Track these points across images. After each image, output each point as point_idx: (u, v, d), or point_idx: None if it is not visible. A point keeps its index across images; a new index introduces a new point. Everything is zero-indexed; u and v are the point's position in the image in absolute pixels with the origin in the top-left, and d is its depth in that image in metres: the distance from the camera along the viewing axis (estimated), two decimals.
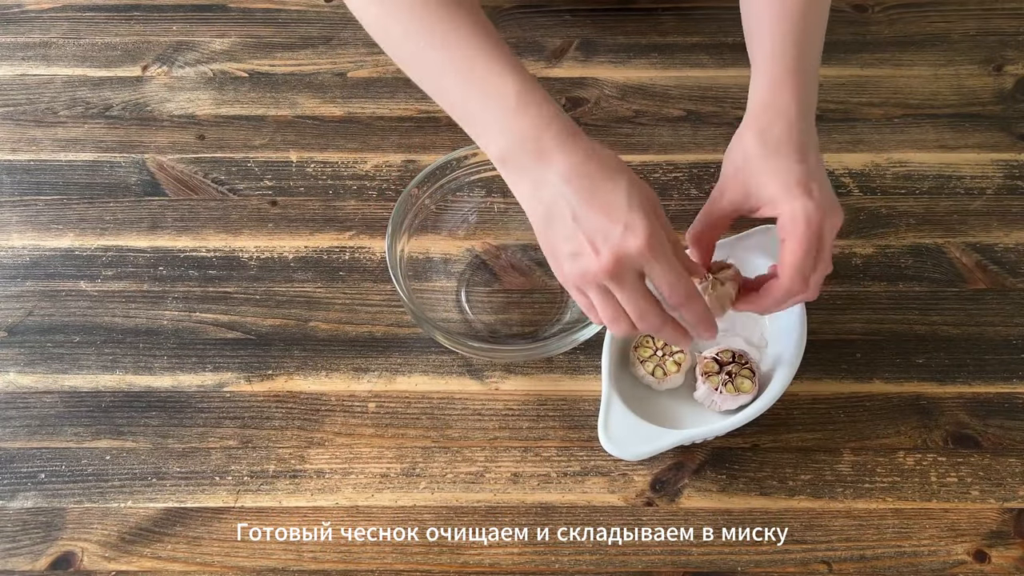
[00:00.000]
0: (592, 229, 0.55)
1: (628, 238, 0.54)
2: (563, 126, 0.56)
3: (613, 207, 0.54)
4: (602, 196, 0.55)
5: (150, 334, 0.74)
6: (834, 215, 0.58)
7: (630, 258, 0.54)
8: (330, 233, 0.79)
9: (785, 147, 0.59)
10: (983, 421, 0.70)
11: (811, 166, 0.59)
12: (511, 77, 0.57)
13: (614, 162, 0.56)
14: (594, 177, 0.55)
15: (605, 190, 0.55)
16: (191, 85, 0.88)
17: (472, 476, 0.68)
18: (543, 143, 0.55)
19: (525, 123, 0.56)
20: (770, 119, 0.60)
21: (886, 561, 0.65)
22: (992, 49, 0.89)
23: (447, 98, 0.60)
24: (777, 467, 0.68)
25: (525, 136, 0.56)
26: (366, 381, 0.72)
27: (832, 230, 0.58)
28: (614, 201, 0.54)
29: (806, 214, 0.57)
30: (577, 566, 0.65)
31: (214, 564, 0.65)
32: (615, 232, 0.54)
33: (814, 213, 0.57)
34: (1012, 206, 0.80)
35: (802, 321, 0.68)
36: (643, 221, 0.54)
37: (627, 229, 0.54)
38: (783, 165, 0.58)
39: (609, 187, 0.55)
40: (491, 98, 0.57)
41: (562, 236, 0.56)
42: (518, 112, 0.56)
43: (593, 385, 0.71)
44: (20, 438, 0.70)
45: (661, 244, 0.54)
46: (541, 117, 0.56)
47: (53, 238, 0.79)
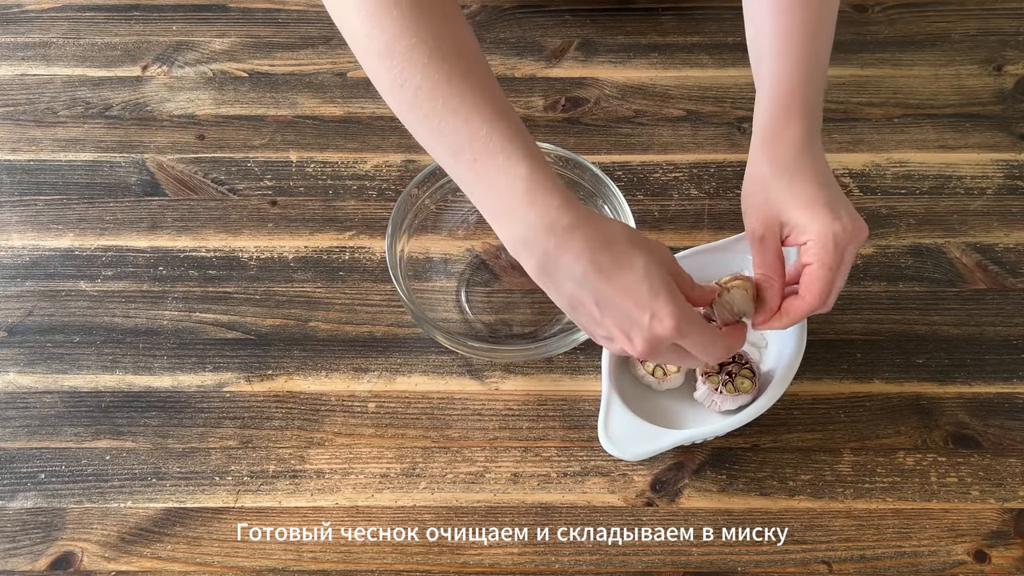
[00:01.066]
0: (619, 319, 0.55)
1: (656, 326, 0.54)
2: (573, 216, 0.54)
3: (635, 294, 0.54)
4: (622, 284, 0.54)
5: (150, 334, 0.74)
6: (859, 235, 0.59)
7: (663, 341, 0.55)
8: (330, 233, 0.79)
9: (802, 172, 0.59)
10: (983, 421, 0.70)
11: (829, 185, 0.60)
12: (522, 166, 0.54)
13: (627, 242, 0.55)
14: (610, 266, 0.54)
15: (624, 277, 0.54)
16: (191, 85, 0.88)
17: (472, 476, 0.68)
18: (556, 233, 0.54)
19: (533, 216, 0.54)
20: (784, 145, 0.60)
21: (886, 561, 0.65)
22: (992, 49, 0.89)
23: (454, 174, 0.57)
24: (777, 467, 0.68)
25: (535, 229, 0.54)
26: (366, 381, 0.72)
27: (856, 249, 0.60)
28: (635, 287, 0.54)
29: (835, 239, 0.58)
30: (577, 566, 0.65)
31: (214, 564, 0.65)
32: (643, 321, 0.54)
33: (840, 236, 0.58)
34: (1012, 206, 0.80)
35: (802, 321, 0.67)
36: (668, 307, 0.54)
37: (654, 318, 0.54)
38: (803, 190, 0.59)
39: (627, 272, 0.54)
40: (500, 187, 0.55)
41: (591, 323, 0.57)
42: (526, 205, 0.54)
43: (593, 385, 0.71)
44: (20, 438, 0.70)
45: (688, 321, 0.55)
46: (548, 209, 0.54)
47: (53, 238, 0.79)
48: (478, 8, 0.93)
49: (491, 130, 0.54)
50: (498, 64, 0.88)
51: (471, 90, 0.55)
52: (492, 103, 0.55)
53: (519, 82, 0.87)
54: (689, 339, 0.55)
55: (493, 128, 0.54)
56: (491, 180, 0.55)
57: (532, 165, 0.54)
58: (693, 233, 0.78)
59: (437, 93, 0.54)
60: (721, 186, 0.81)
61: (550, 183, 0.55)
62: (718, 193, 0.80)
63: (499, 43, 0.90)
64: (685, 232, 0.78)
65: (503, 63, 0.88)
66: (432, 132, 0.56)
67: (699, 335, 0.56)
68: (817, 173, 0.60)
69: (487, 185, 0.55)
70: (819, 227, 0.58)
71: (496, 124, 0.54)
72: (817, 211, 0.58)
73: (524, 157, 0.54)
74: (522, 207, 0.54)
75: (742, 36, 0.90)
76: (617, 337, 0.56)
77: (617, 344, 0.57)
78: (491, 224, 0.57)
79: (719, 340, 0.57)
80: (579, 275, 0.54)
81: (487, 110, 0.55)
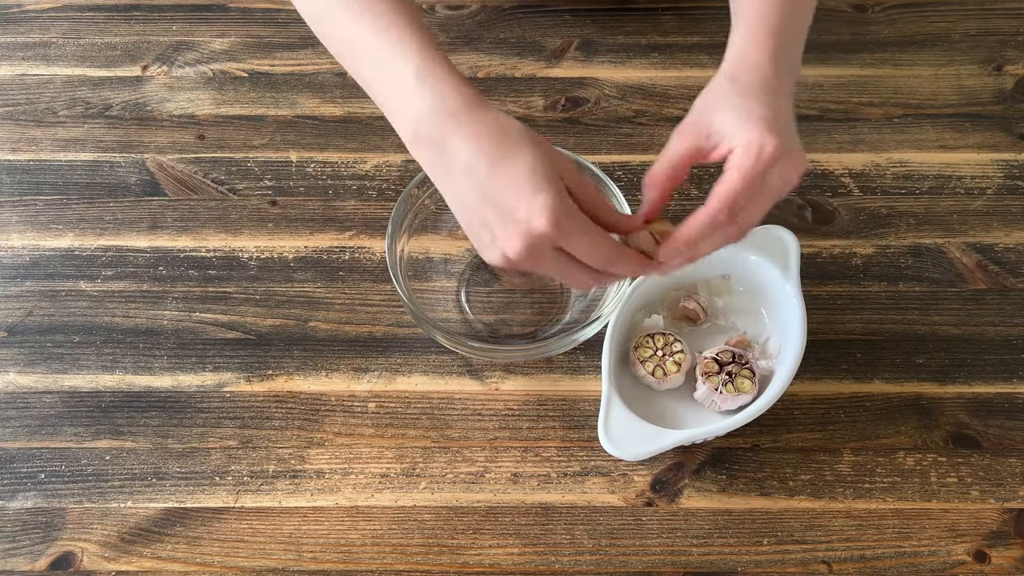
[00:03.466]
0: (500, 213, 0.53)
1: (535, 220, 0.51)
2: (461, 101, 0.53)
3: (518, 187, 0.52)
4: (506, 175, 0.52)
5: (150, 334, 0.74)
6: (789, 163, 0.55)
7: (541, 239, 0.52)
8: (330, 233, 0.79)
9: (756, 92, 0.57)
10: (983, 421, 0.70)
11: (779, 114, 0.56)
12: (413, 55, 0.54)
13: (520, 134, 0.53)
14: (497, 155, 0.52)
15: (509, 169, 0.52)
16: (191, 85, 0.88)
17: (472, 476, 0.68)
18: (442, 122, 0.53)
19: (421, 102, 0.54)
20: (745, 69, 0.58)
21: (886, 561, 0.65)
22: (992, 49, 0.89)
23: (361, 79, 0.58)
24: (777, 467, 0.68)
25: (421, 117, 0.54)
26: (366, 381, 0.72)
27: (782, 177, 0.56)
28: (519, 180, 0.52)
29: (760, 147, 0.54)
30: (577, 566, 0.65)
31: (214, 564, 0.65)
32: (521, 215, 0.52)
33: (767, 148, 0.54)
34: (1012, 206, 0.80)
35: (802, 321, 0.68)
36: (549, 200, 0.51)
37: (533, 211, 0.51)
38: (749, 104, 0.56)
39: (513, 165, 0.52)
40: (391, 79, 0.55)
41: (477, 222, 0.54)
42: (416, 91, 0.54)
43: (593, 385, 0.71)
44: (20, 438, 0.70)
45: (569, 217, 0.52)
46: (436, 94, 0.53)
47: (53, 238, 0.79)
48: (478, 8, 0.93)
49: (389, 23, 0.56)
50: (498, 64, 0.88)
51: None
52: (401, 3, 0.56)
53: (519, 82, 0.87)
54: (572, 239, 0.52)
55: (391, 21, 0.56)
56: (385, 74, 0.55)
57: (425, 54, 0.54)
58: None
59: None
60: None
61: (443, 71, 0.54)
62: None
63: (499, 43, 0.90)
64: None
65: (503, 63, 0.89)
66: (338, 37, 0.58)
67: (582, 235, 0.53)
68: (771, 97, 0.56)
69: (381, 81, 0.56)
70: (748, 136, 0.54)
71: (394, 17, 0.56)
72: (754, 123, 0.55)
73: (418, 48, 0.54)
74: (412, 94, 0.54)
75: None
76: (498, 236, 0.53)
77: (499, 245, 0.54)
78: (394, 126, 0.56)
79: (606, 244, 0.54)
80: (465, 162, 0.53)
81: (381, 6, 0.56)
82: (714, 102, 0.58)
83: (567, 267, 0.55)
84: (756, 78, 0.58)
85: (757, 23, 0.60)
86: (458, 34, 0.91)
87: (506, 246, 0.53)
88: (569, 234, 0.52)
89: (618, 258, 0.55)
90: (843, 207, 0.80)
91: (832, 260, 0.77)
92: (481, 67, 0.88)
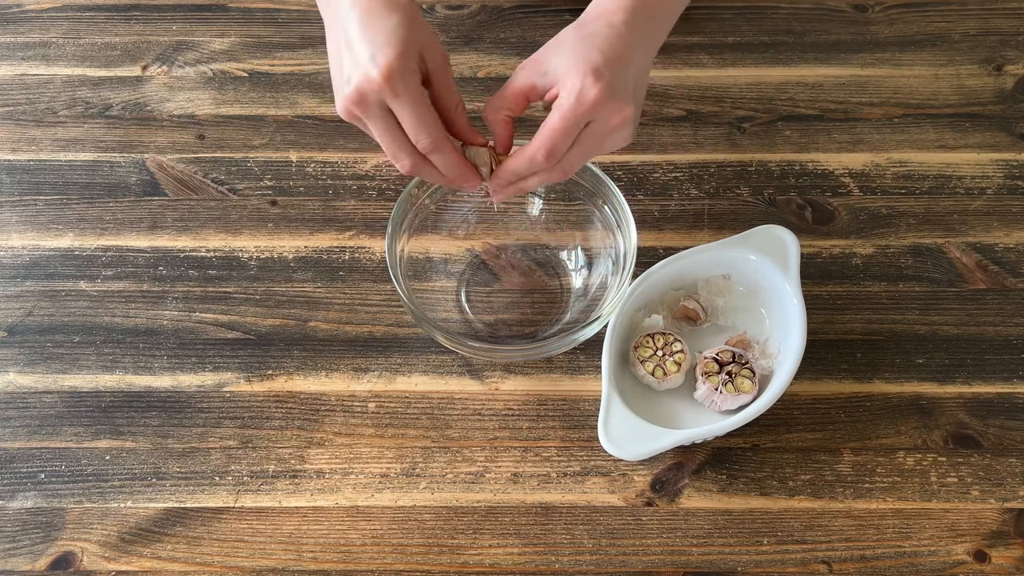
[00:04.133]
0: (352, 57, 0.55)
1: (371, 68, 0.54)
2: None
3: (374, 39, 0.54)
4: (370, 27, 0.55)
5: (150, 334, 0.74)
6: (613, 109, 0.56)
7: (372, 87, 0.54)
8: (330, 233, 0.79)
9: (597, 39, 0.57)
10: (983, 421, 0.70)
11: (615, 60, 0.57)
12: None
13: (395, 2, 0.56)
14: (372, 9, 0.55)
15: (374, 22, 0.55)
16: (191, 85, 0.88)
17: (472, 476, 0.68)
18: None
19: None
20: (595, 16, 0.59)
21: (886, 561, 0.65)
22: (992, 49, 0.89)
23: None
24: (777, 467, 0.68)
25: None
26: (366, 381, 0.72)
27: (606, 122, 0.57)
28: (377, 33, 0.54)
29: (580, 90, 0.55)
30: (577, 566, 0.65)
31: (214, 564, 0.65)
32: (363, 61, 0.54)
33: (589, 93, 0.55)
34: (1012, 206, 0.80)
35: (802, 321, 0.68)
36: (389, 53, 0.54)
37: (372, 60, 0.54)
38: (586, 49, 0.57)
39: (379, 19, 0.55)
40: None
41: (337, 65, 0.57)
42: None
43: (593, 385, 0.71)
44: (20, 438, 0.70)
45: (403, 80, 0.54)
46: None
47: (53, 238, 0.79)
48: (478, 8, 0.93)
49: None
50: (498, 64, 0.88)
51: None
52: None
53: None
54: (400, 101, 0.54)
55: None
56: None
57: None
58: (693, 233, 0.78)
59: None
60: (721, 186, 0.81)
61: None
62: (718, 193, 0.80)
63: (499, 43, 0.90)
64: (685, 232, 0.78)
65: (503, 63, 0.88)
66: None
67: (411, 102, 0.55)
68: (612, 51, 0.57)
69: None
70: (573, 80, 0.55)
71: None
72: (581, 67, 0.56)
73: None
74: None
75: (742, 36, 0.90)
76: (344, 79, 0.55)
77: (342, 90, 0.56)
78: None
79: (432, 124, 0.56)
80: (346, 10, 0.56)
81: None
82: (556, 44, 0.59)
83: (389, 132, 0.57)
84: (602, 24, 0.58)
85: None
86: (458, 34, 0.91)
87: (345, 88, 0.55)
88: (397, 94, 0.54)
89: (440, 146, 0.57)
90: (843, 207, 0.80)
91: (832, 260, 0.77)
92: (481, 67, 0.88)
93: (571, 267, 0.76)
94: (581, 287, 0.75)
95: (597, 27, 0.59)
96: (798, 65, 0.88)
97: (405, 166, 0.58)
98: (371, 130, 0.58)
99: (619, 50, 0.58)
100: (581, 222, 0.75)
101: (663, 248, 0.77)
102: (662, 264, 0.71)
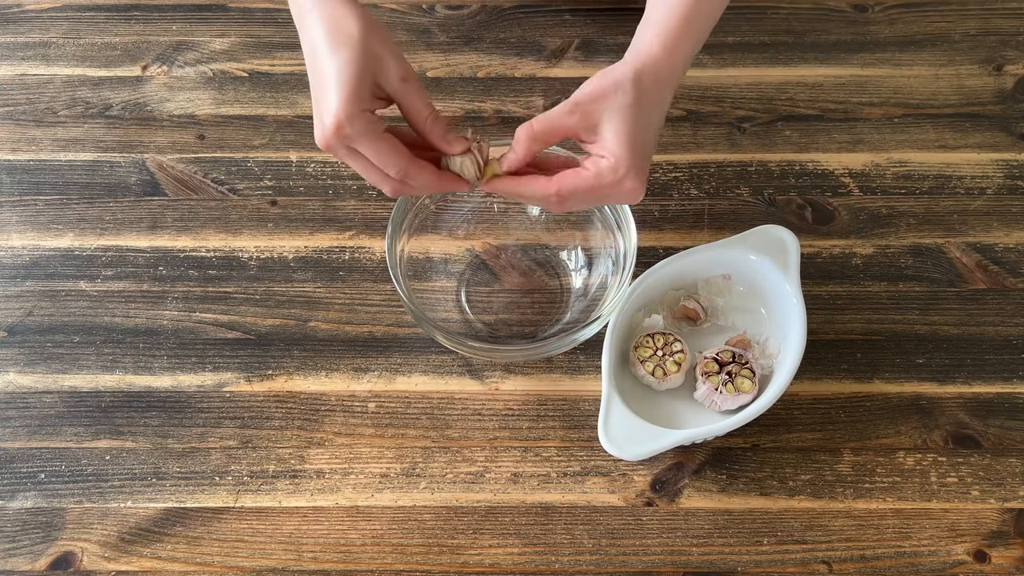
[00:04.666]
0: (315, 102, 0.57)
1: (325, 119, 0.56)
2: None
3: (323, 85, 0.56)
4: (319, 70, 0.57)
5: (150, 334, 0.74)
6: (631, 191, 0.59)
7: (330, 137, 0.56)
8: (330, 233, 0.79)
9: (647, 106, 0.59)
10: (983, 421, 0.70)
11: (651, 138, 0.60)
12: None
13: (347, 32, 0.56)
14: (321, 47, 0.56)
15: (322, 64, 0.56)
16: (191, 85, 0.88)
17: (472, 476, 0.68)
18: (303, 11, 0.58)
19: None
20: (652, 70, 0.60)
21: (886, 561, 0.65)
22: (992, 49, 0.89)
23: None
24: (777, 467, 0.68)
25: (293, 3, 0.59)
26: (366, 381, 0.72)
27: (620, 196, 0.60)
28: (325, 77, 0.56)
29: (616, 170, 0.58)
30: (577, 566, 0.65)
31: (214, 564, 0.65)
32: (320, 111, 0.56)
33: (627, 184, 0.58)
34: (1012, 206, 0.80)
35: (802, 321, 0.68)
36: (333, 104, 0.55)
37: (324, 111, 0.56)
38: (636, 121, 0.59)
39: (327, 61, 0.56)
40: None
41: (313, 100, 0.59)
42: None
43: (593, 385, 0.71)
44: (20, 438, 0.70)
45: (351, 124, 0.56)
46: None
47: (53, 238, 0.79)
48: (478, 8, 0.93)
49: None
50: (498, 64, 0.88)
51: None
52: None
53: (519, 82, 0.87)
54: (358, 144, 0.57)
55: None
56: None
57: None
58: (693, 233, 0.78)
59: None
60: (721, 186, 0.81)
61: None
62: (718, 193, 0.80)
63: (499, 43, 0.90)
64: (685, 232, 0.78)
65: (503, 63, 0.89)
66: None
67: (368, 142, 0.57)
68: (652, 124, 0.60)
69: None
70: (620, 165, 0.58)
71: None
72: (629, 149, 0.58)
73: None
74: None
75: (742, 36, 0.90)
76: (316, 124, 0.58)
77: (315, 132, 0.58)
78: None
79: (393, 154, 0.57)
80: (306, 46, 0.58)
81: None
82: (613, 95, 0.59)
83: (362, 167, 0.59)
84: (653, 86, 0.60)
85: (672, 20, 0.62)
86: (458, 34, 0.91)
87: (315, 133, 0.58)
88: (351, 140, 0.56)
89: (409, 173, 0.58)
90: (843, 207, 0.80)
91: (832, 260, 0.77)
92: (481, 67, 0.88)
93: (571, 267, 0.76)
94: (581, 287, 0.75)
95: (650, 88, 0.59)
96: (798, 65, 0.88)
97: (387, 191, 0.60)
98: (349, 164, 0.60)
99: (657, 118, 0.61)
100: (581, 222, 0.75)
101: (663, 248, 0.77)
102: (662, 264, 0.71)
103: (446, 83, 0.88)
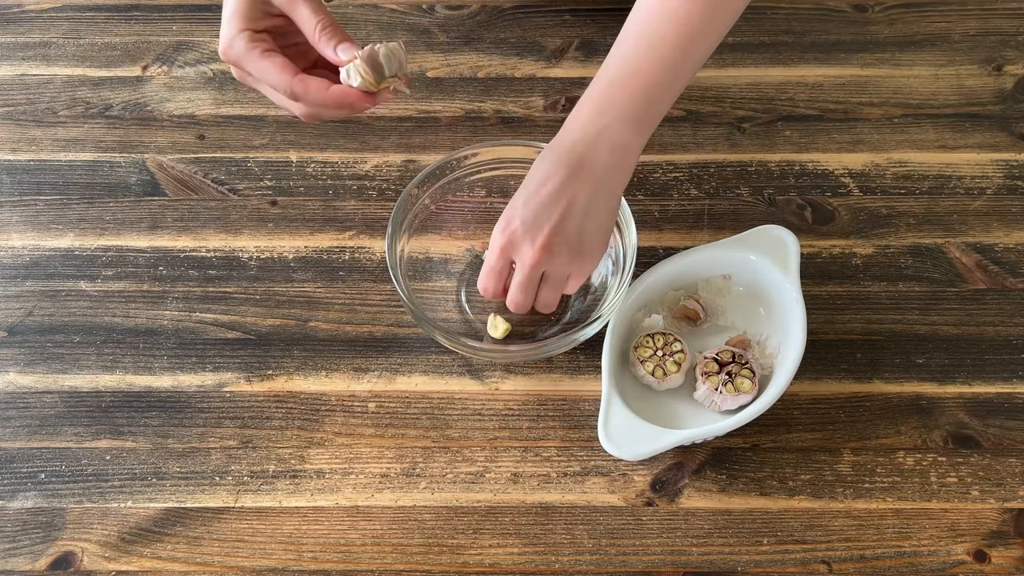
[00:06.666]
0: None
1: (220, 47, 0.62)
2: None
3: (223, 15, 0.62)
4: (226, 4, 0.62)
5: (150, 334, 0.74)
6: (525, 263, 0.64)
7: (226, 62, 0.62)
8: (330, 233, 0.79)
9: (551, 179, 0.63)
10: (983, 421, 0.70)
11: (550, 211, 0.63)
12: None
13: None
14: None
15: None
16: (191, 85, 0.88)
17: (472, 476, 0.68)
18: None
19: None
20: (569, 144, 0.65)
21: (886, 561, 0.65)
22: (992, 49, 0.89)
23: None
24: (777, 467, 0.68)
25: None
26: (366, 381, 0.72)
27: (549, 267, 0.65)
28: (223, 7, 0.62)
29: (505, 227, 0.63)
30: (577, 566, 0.65)
31: (214, 564, 0.65)
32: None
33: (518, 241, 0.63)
34: (1012, 206, 0.80)
35: (802, 321, 0.68)
36: (224, 32, 0.61)
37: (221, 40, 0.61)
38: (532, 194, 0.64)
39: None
40: None
41: None
42: None
43: (593, 385, 0.71)
44: (20, 438, 0.70)
45: (235, 51, 0.60)
46: None
47: (53, 238, 0.79)
48: (478, 8, 0.93)
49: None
50: (498, 64, 0.88)
51: None
52: None
53: (519, 82, 0.87)
54: (245, 67, 0.61)
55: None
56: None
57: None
58: (693, 233, 0.78)
59: None
60: (721, 186, 0.81)
61: None
62: (718, 193, 0.80)
63: (499, 43, 0.90)
64: (685, 232, 0.78)
65: (503, 63, 0.89)
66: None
67: (251, 67, 0.60)
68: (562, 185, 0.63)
69: None
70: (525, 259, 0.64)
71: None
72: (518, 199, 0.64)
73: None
74: None
75: (742, 36, 0.90)
76: None
77: None
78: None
79: (276, 74, 0.59)
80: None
81: None
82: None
83: (265, 90, 0.62)
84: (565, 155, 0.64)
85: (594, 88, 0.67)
86: (458, 34, 0.91)
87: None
88: (237, 61, 0.61)
89: (296, 92, 0.60)
90: (843, 207, 0.80)
91: (832, 260, 0.77)
92: (481, 67, 0.88)
93: None
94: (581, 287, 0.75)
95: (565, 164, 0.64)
96: (798, 65, 0.88)
97: (299, 115, 0.63)
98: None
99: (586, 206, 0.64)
100: None
101: (663, 248, 0.77)
102: (662, 264, 0.71)
103: (446, 83, 0.88)
